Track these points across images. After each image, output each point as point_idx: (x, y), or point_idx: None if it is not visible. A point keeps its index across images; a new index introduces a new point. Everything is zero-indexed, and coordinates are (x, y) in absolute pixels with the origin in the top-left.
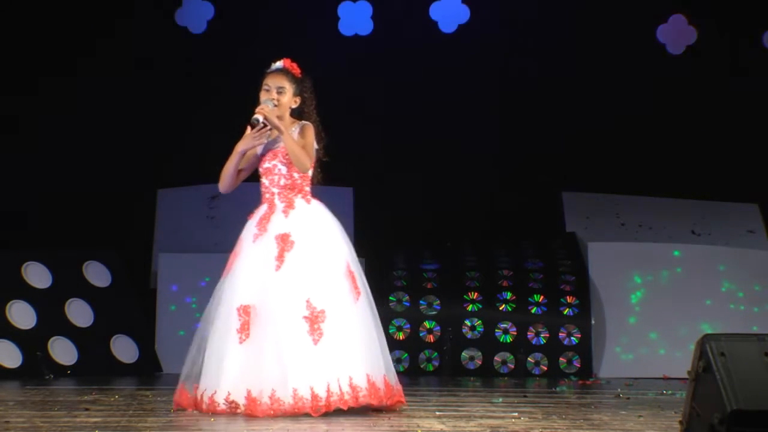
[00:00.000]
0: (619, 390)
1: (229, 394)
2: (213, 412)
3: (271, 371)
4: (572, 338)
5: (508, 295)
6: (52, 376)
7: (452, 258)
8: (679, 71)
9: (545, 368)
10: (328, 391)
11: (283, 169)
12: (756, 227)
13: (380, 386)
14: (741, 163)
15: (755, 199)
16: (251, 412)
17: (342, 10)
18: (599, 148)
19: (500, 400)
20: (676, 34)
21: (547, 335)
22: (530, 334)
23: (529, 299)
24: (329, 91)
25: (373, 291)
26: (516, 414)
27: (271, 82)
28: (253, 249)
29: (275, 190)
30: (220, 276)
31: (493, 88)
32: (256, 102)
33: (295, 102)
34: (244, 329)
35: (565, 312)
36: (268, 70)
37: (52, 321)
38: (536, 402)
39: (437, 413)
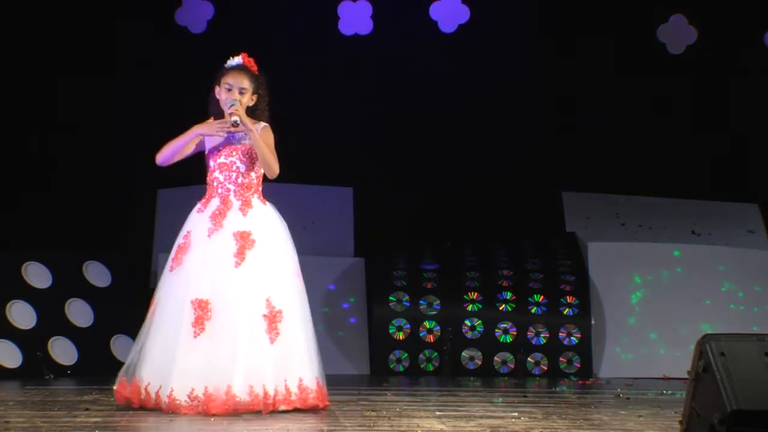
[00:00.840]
0: (619, 390)
1: (192, 390)
2: (170, 409)
3: (226, 367)
4: (572, 338)
5: (508, 295)
6: (52, 376)
7: (452, 258)
8: (679, 71)
9: (545, 368)
10: (276, 390)
11: (242, 167)
12: (756, 227)
13: (324, 388)
14: (741, 163)
15: (755, 199)
16: (206, 408)
17: (342, 9)
18: (599, 148)
19: (500, 400)
20: (676, 34)
21: (547, 335)
22: (530, 334)
23: (529, 299)
24: (329, 90)
25: (373, 291)
26: (516, 414)
27: (233, 81)
28: (208, 244)
29: (231, 187)
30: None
31: (493, 88)
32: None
33: (252, 100)
34: (199, 323)
35: (565, 312)
36: (228, 67)
37: (52, 321)
38: (536, 402)
39: (437, 413)
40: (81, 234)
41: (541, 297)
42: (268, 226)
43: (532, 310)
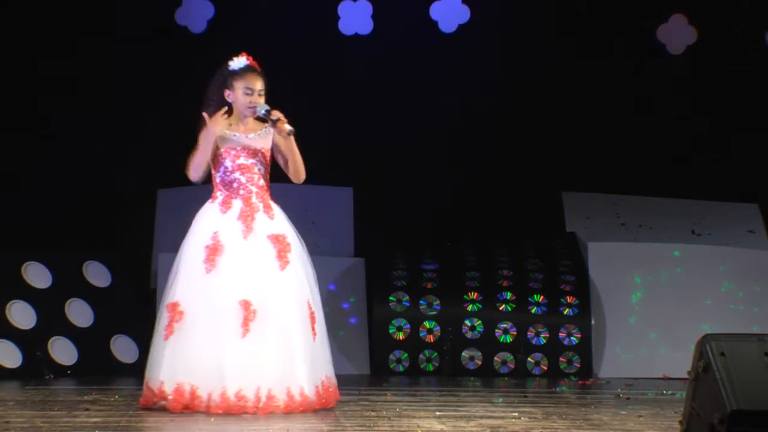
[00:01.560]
0: (619, 390)
1: (240, 390)
2: (229, 410)
3: (278, 368)
4: (572, 338)
5: (508, 295)
6: (52, 376)
7: (452, 258)
8: (679, 71)
9: (545, 368)
10: (320, 389)
11: (262, 169)
12: (756, 227)
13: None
14: (741, 163)
15: (755, 199)
16: (270, 408)
17: (342, 9)
18: (599, 148)
19: (500, 400)
20: (676, 34)
21: (547, 335)
22: (530, 334)
23: (529, 299)
24: (329, 90)
25: (373, 291)
26: (516, 414)
27: (252, 85)
28: (245, 246)
29: (253, 189)
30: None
31: (493, 88)
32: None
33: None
34: (246, 324)
35: (565, 312)
36: (241, 69)
37: (52, 321)
38: (536, 402)
39: (437, 413)
40: (81, 234)
41: (541, 297)
42: (293, 229)
43: (532, 310)
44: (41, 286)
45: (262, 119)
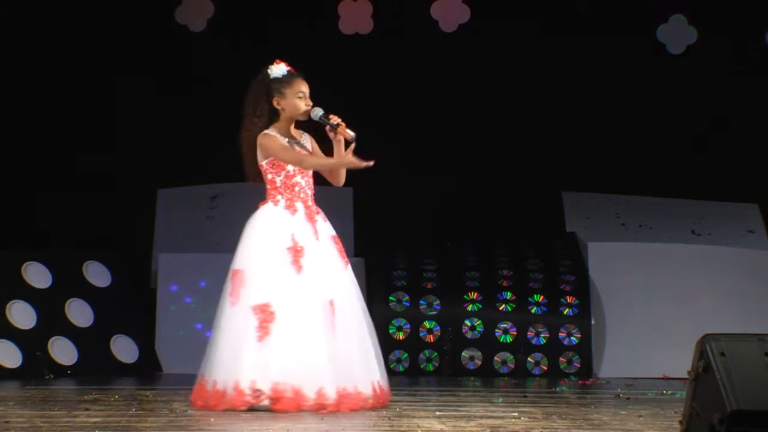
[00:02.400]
0: (619, 390)
1: (336, 387)
2: (326, 408)
3: (362, 364)
4: (572, 338)
5: (508, 295)
6: (52, 376)
7: (452, 258)
8: (679, 71)
9: (545, 368)
10: (380, 387)
11: (311, 173)
12: (756, 227)
13: None
14: (741, 163)
15: (755, 199)
16: (338, 406)
17: (342, 8)
18: (599, 148)
19: (500, 400)
20: (676, 34)
21: (547, 335)
22: (530, 334)
23: (529, 299)
24: (329, 90)
25: (373, 291)
26: (516, 414)
27: (303, 88)
28: (319, 247)
29: (309, 192)
30: (228, 275)
31: (493, 87)
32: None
33: None
34: (332, 324)
35: (565, 312)
36: (288, 75)
37: (52, 321)
38: (536, 402)
39: (437, 413)
40: (81, 234)
41: (541, 297)
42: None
43: (532, 310)
44: (41, 286)
45: (321, 123)
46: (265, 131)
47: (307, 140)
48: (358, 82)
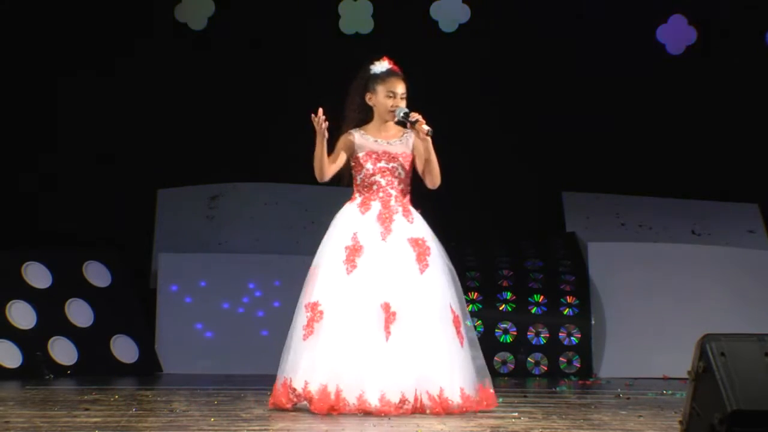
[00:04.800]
0: (619, 390)
1: (384, 394)
2: (382, 412)
3: (418, 372)
4: (572, 338)
5: (508, 295)
6: (52, 376)
7: (452, 258)
8: (679, 71)
9: (545, 368)
10: (465, 392)
11: (402, 173)
12: (756, 227)
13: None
14: (741, 163)
15: (755, 199)
16: (422, 409)
17: (342, 8)
18: (599, 148)
19: (500, 400)
20: (676, 34)
21: (547, 335)
22: (530, 334)
23: (529, 299)
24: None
25: None
26: (516, 414)
27: (395, 88)
28: (384, 247)
29: (392, 192)
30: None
31: (493, 87)
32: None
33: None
34: (387, 327)
35: (565, 312)
36: (384, 72)
37: (52, 321)
38: (536, 402)
39: None
40: (81, 234)
41: (541, 297)
42: (431, 233)
43: (532, 310)
44: (41, 286)
45: (402, 123)
46: (350, 130)
47: (405, 142)
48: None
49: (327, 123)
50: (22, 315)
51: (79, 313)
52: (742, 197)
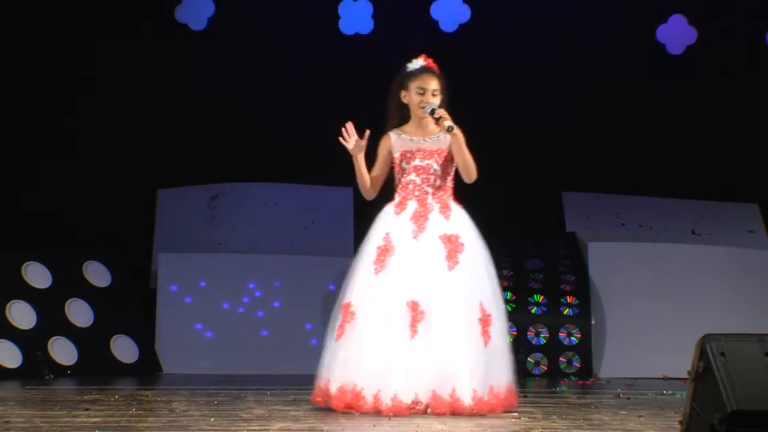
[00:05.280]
0: (619, 390)
1: (406, 391)
2: (393, 412)
3: (449, 369)
4: (572, 338)
5: (508, 295)
6: (52, 376)
7: None
8: (679, 71)
9: (545, 368)
10: (482, 393)
11: (438, 170)
12: (756, 227)
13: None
14: (741, 163)
15: (755, 199)
16: (433, 409)
17: (342, 8)
18: (599, 148)
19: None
20: (676, 34)
21: (547, 335)
22: (530, 334)
23: (529, 299)
24: (329, 89)
25: None
26: (516, 414)
27: (425, 84)
28: (414, 246)
29: (429, 190)
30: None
31: (493, 87)
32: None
33: (441, 102)
34: (413, 325)
35: (565, 312)
36: (415, 69)
37: (52, 321)
38: (536, 402)
39: None
40: (81, 234)
41: (541, 297)
42: (470, 229)
43: (532, 310)
44: (41, 286)
45: (435, 118)
46: (388, 132)
47: (441, 139)
48: (358, 82)
49: (357, 137)
50: (22, 315)
51: (79, 313)
52: (742, 197)
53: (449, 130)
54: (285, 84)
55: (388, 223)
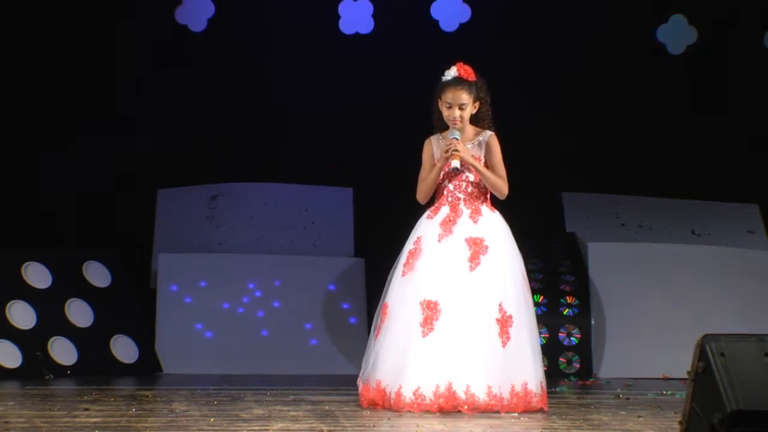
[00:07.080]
0: (619, 390)
1: (418, 388)
2: (400, 408)
3: (459, 367)
4: (572, 338)
5: None
6: (52, 376)
7: None
8: (679, 71)
9: (545, 368)
10: (501, 393)
11: (471, 177)
12: (756, 227)
13: (545, 392)
14: (741, 163)
15: (755, 199)
16: (439, 406)
17: (343, 8)
18: (599, 148)
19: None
20: (676, 34)
21: (547, 335)
22: None
23: None
24: (329, 89)
25: (373, 291)
26: (516, 414)
27: (452, 98)
28: (438, 248)
29: (461, 196)
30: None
31: (494, 88)
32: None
33: (474, 108)
34: (427, 323)
35: (565, 312)
36: (445, 82)
37: (52, 321)
38: None
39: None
40: (81, 234)
41: (541, 297)
42: (499, 232)
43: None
44: (41, 286)
45: (456, 171)
46: (429, 138)
47: (477, 145)
48: (358, 81)
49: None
50: (22, 315)
51: (79, 313)
52: (742, 197)
53: (455, 170)
54: (285, 84)
55: (421, 227)
